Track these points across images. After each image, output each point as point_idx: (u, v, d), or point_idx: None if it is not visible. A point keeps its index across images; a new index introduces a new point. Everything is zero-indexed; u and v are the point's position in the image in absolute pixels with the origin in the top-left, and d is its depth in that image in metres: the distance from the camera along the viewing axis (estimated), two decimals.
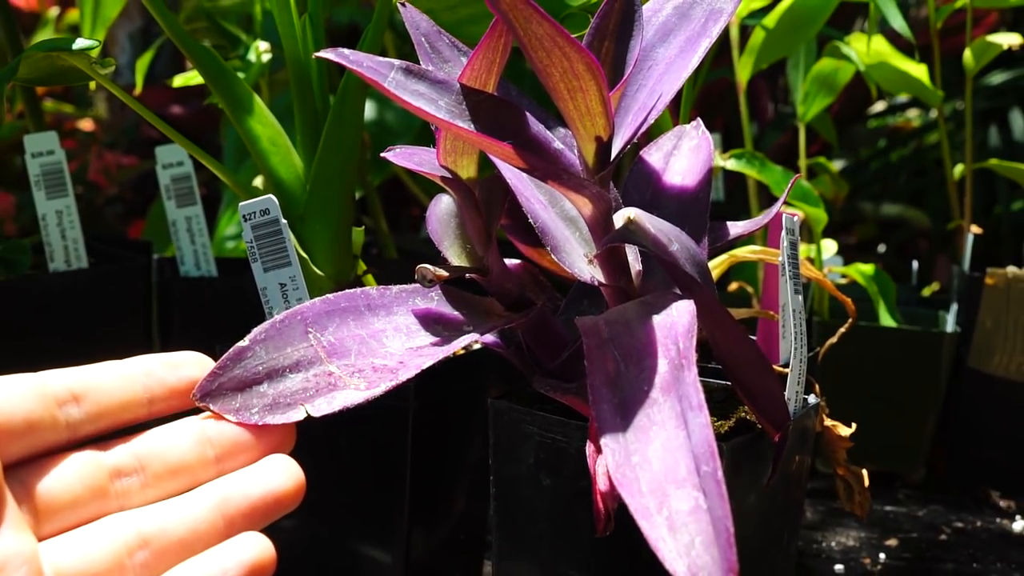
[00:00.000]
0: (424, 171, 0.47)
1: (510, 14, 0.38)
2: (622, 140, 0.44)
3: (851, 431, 0.57)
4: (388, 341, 0.45)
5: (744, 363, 0.44)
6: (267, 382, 0.42)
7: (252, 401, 0.41)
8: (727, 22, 0.44)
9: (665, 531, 0.35)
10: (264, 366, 0.42)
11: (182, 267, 0.82)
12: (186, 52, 0.59)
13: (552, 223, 0.47)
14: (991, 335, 0.87)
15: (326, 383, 0.42)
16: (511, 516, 0.51)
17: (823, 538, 0.75)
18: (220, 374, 0.41)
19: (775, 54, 0.92)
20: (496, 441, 0.51)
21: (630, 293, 0.46)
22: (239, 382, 0.41)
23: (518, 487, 0.50)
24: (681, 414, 0.37)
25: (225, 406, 0.41)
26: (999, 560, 0.72)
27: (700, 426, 0.37)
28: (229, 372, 0.41)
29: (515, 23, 0.39)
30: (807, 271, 0.64)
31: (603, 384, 0.40)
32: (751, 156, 0.82)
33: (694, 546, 0.34)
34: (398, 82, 0.41)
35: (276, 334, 0.43)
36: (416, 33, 0.50)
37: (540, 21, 0.38)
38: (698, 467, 0.36)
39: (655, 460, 0.36)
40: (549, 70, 0.40)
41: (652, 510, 0.35)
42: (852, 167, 1.93)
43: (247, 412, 0.41)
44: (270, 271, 0.55)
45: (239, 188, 0.61)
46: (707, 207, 0.50)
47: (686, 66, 0.44)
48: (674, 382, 0.38)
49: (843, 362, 0.85)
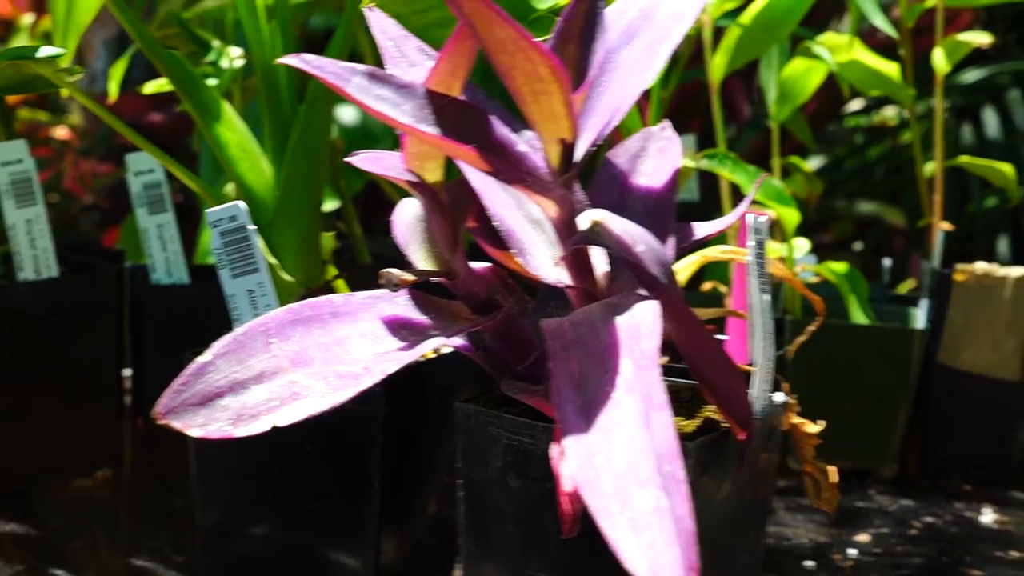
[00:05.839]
0: (390, 176, 0.47)
1: (473, 17, 0.39)
2: (587, 142, 0.44)
3: (819, 429, 0.57)
4: (353, 348, 0.45)
5: (709, 363, 0.45)
6: (230, 395, 0.42)
7: (216, 415, 0.41)
8: (691, 25, 0.44)
9: (627, 531, 0.35)
10: (227, 379, 0.42)
11: (153, 275, 0.81)
12: (154, 59, 0.59)
13: (518, 226, 0.48)
14: (961, 331, 0.87)
15: (290, 393, 0.42)
16: (479, 518, 0.51)
17: (794, 535, 0.75)
18: (182, 390, 0.41)
19: (748, 55, 0.92)
20: (464, 444, 0.51)
21: (596, 295, 0.47)
22: (202, 397, 0.41)
23: (486, 490, 0.50)
24: (644, 414, 0.37)
25: (188, 422, 0.41)
26: (968, 553, 0.73)
27: (663, 426, 0.37)
28: (191, 388, 0.41)
29: (478, 27, 0.39)
30: (777, 270, 0.64)
31: (567, 386, 0.40)
32: (723, 156, 0.82)
33: (655, 546, 0.34)
34: (361, 87, 0.41)
35: (238, 347, 0.43)
36: (383, 37, 0.50)
37: (503, 25, 0.38)
38: (660, 467, 0.36)
39: (618, 461, 0.36)
40: (512, 73, 0.40)
41: (614, 510, 0.35)
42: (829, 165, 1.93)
43: (211, 427, 0.40)
44: (238, 277, 0.55)
45: (208, 195, 0.61)
46: (673, 208, 0.50)
47: (650, 68, 0.44)
48: (638, 383, 0.38)
49: (815, 359, 0.86)
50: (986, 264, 0.88)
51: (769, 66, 0.97)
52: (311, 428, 0.41)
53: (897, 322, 0.94)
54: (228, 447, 0.50)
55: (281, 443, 0.55)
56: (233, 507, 0.60)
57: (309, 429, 0.41)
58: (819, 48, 0.89)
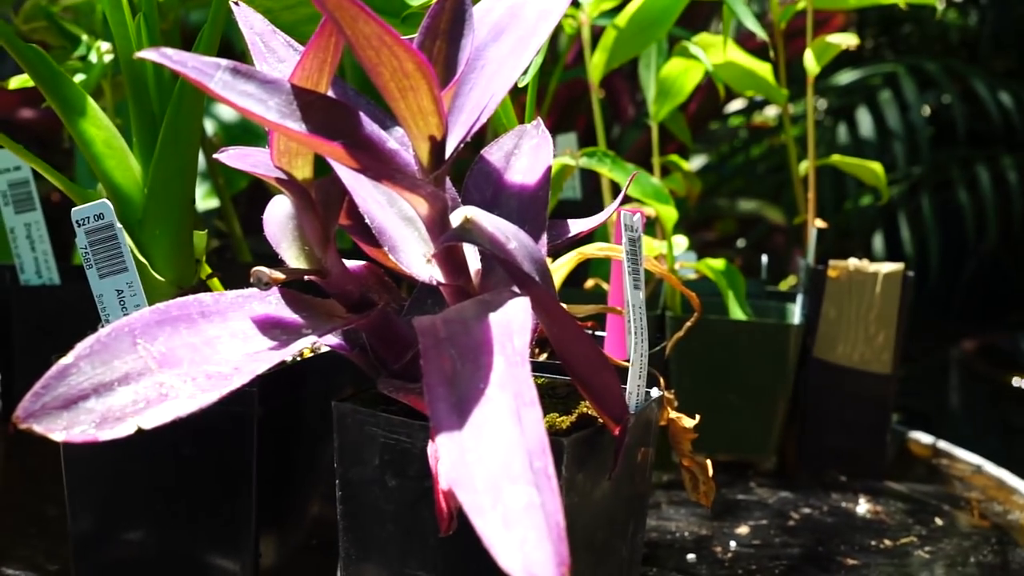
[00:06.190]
0: (259, 173, 0.46)
1: (336, 13, 0.38)
2: (456, 139, 0.44)
3: (695, 423, 0.58)
4: (223, 348, 0.44)
5: (581, 359, 0.45)
6: (94, 397, 0.40)
7: (79, 418, 0.40)
8: (557, 21, 0.44)
9: (499, 528, 0.35)
10: (90, 381, 0.40)
11: (22, 275, 0.79)
12: (13, 53, 0.57)
13: (390, 223, 0.47)
14: (834, 326, 0.90)
15: (157, 394, 0.41)
16: (358, 519, 0.50)
17: (677, 528, 0.76)
18: (43, 393, 0.39)
19: (626, 54, 0.93)
20: (341, 443, 0.50)
21: (469, 292, 0.46)
22: (64, 400, 0.40)
23: (364, 489, 0.49)
24: (516, 411, 0.37)
25: (50, 426, 0.39)
26: (843, 543, 0.75)
27: (533, 422, 0.37)
28: (53, 391, 0.40)
29: (342, 22, 0.38)
30: (654, 267, 0.65)
31: (440, 383, 0.39)
32: (602, 154, 0.83)
33: (527, 542, 0.34)
34: (225, 82, 0.40)
35: (102, 348, 0.41)
36: (250, 33, 0.49)
37: (367, 20, 0.38)
38: (531, 463, 0.36)
39: (489, 457, 0.36)
40: (379, 69, 0.40)
41: (486, 507, 0.35)
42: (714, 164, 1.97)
43: (74, 430, 0.39)
44: (106, 277, 0.54)
45: (73, 193, 0.59)
46: (546, 204, 0.50)
47: (518, 65, 0.44)
48: (509, 379, 0.38)
49: (695, 354, 0.87)
50: (857, 260, 0.91)
51: (648, 66, 0.99)
52: (183, 430, 0.40)
53: (775, 317, 0.97)
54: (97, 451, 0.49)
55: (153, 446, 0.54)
56: (106, 513, 0.58)
57: (182, 431, 0.40)
58: (695, 48, 0.90)
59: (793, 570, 0.70)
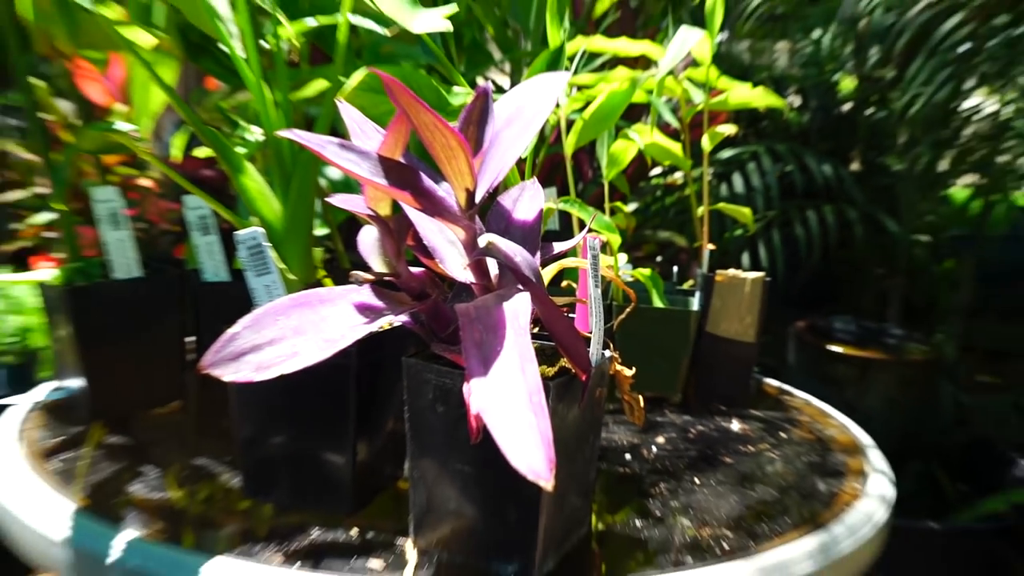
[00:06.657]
0: (357, 211, 0.46)
1: (406, 108, 0.37)
2: (483, 190, 0.43)
3: (632, 372, 0.57)
4: (333, 322, 0.43)
5: (561, 331, 0.44)
6: (252, 354, 0.40)
7: (242, 367, 0.39)
8: (547, 116, 0.44)
9: (511, 440, 0.34)
10: (248, 343, 0.40)
11: (204, 276, 0.78)
12: (199, 133, 0.56)
13: (439, 244, 0.46)
14: (719, 311, 0.89)
15: (291, 352, 0.40)
16: (419, 431, 0.49)
17: (618, 439, 0.75)
18: (219, 351, 0.39)
19: (589, 137, 0.92)
20: (408, 384, 0.49)
21: (490, 288, 0.46)
22: (232, 355, 0.39)
23: (422, 414, 0.49)
24: (521, 364, 0.37)
25: (223, 371, 0.39)
26: (723, 448, 0.74)
27: (532, 372, 0.36)
28: (225, 349, 0.39)
29: (410, 114, 0.38)
30: (607, 273, 0.64)
31: (472, 346, 0.39)
32: (573, 201, 0.82)
33: (529, 448, 0.34)
34: (334, 152, 0.40)
35: (256, 323, 0.41)
36: (350, 120, 0.48)
37: (426, 112, 0.37)
38: (531, 398, 0.35)
39: (504, 394, 0.36)
40: (433, 144, 0.39)
41: (502, 427, 0.35)
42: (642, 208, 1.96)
43: (239, 374, 0.38)
44: (259, 277, 0.53)
45: (237, 223, 0.58)
46: (539, 233, 0.49)
47: (522, 143, 0.44)
48: (516, 344, 0.38)
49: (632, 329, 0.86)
50: (734, 270, 0.90)
51: (602, 144, 0.97)
52: (308, 374, 0.40)
53: (682, 306, 0.95)
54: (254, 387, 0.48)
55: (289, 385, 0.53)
56: (259, 426, 0.57)
57: (307, 375, 0.40)
58: (633, 133, 0.89)
59: (692, 465, 0.69)
